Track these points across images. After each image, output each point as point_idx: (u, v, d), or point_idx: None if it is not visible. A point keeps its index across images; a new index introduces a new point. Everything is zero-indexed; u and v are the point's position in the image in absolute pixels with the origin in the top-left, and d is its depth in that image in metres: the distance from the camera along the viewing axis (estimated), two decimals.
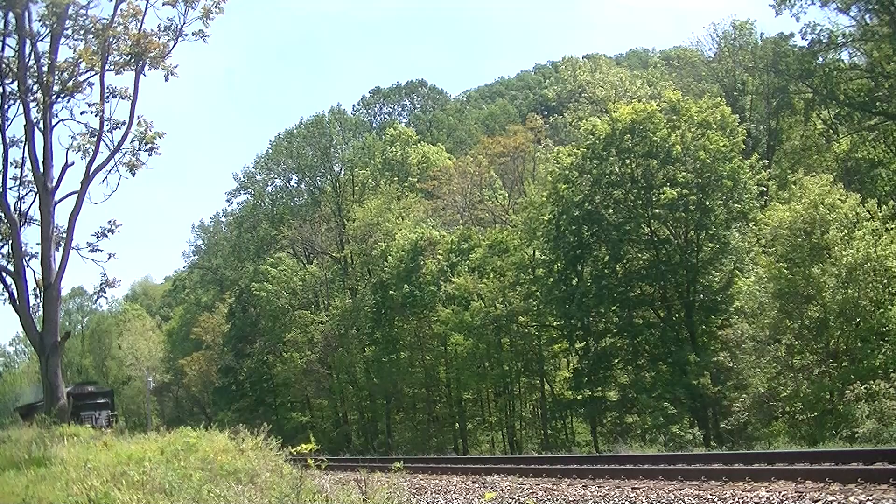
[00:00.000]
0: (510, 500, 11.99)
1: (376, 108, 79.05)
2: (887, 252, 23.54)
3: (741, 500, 9.30)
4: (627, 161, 30.71)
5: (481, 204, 46.70)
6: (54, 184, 26.44)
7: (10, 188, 27.24)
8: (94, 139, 26.62)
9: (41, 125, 26.48)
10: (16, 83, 26.75)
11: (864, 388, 21.64)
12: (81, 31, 26.22)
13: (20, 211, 27.58)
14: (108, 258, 27.86)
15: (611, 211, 30.72)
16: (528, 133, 49.15)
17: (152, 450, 13.74)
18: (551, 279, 32.87)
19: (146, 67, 26.55)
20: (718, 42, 44.46)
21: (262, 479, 10.99)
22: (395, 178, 53.76)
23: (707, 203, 29.61)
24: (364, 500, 9.94)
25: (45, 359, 25.86)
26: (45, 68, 26.42)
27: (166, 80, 26.73)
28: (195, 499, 9.60)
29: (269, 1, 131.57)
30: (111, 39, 25.94)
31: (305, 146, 59.45)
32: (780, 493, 9.13)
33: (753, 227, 29.11)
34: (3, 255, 27.76)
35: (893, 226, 24.81)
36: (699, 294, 30.42)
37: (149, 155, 27.38)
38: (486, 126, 73.09)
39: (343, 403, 48.46)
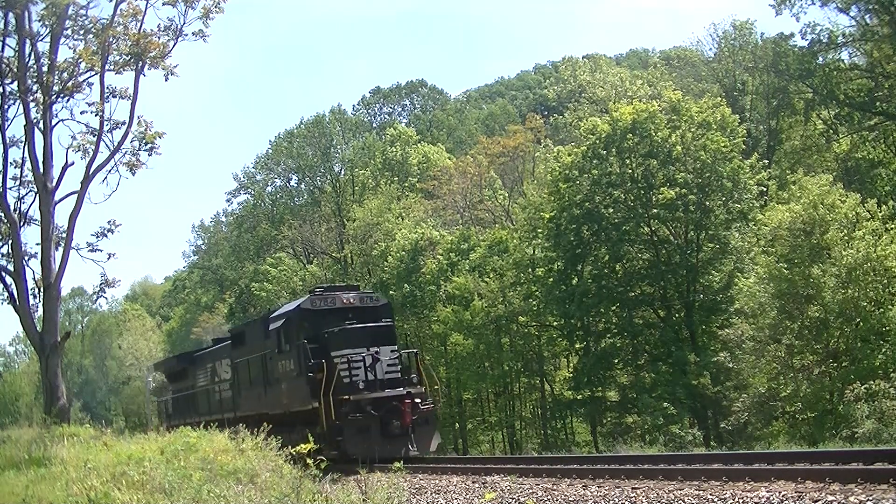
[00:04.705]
0: (510, 500, 11.97)
1: (376, 108, 79.02)
2: (887, 252, 23.55)
3: (741, 500, 9.29)
4: (628, 161, 30.73)
5: (481, 204, 46.71)
6: (54, 184, 26.44)
7: (10, 188, 27.26)
8: (94, 139, 26.63)
9: (41, 125, 26.49)
10: (16, 83, 26.75)
11: (864, 388, 21.67)
12: (81, 31, 26.22)
13: (20, 211, 27.58)
14: (108, 258, 27.86)
15: (611, 211, 30.75)
16: (528, 133, 49.16)
17: (152, 450, 13.74)
18: (551, 279, 32.88)
19: (146, 67, 26.54)
20: (718, 42, 44.52)
21: (262, 479, 11.01)
22: (395, 178, 53.75)
23: (707, 203, 29.65)
24: (364, 500, 9.95)
25: (45, 359, 25.86)
26: (45, 68, 26.42)
27: (166, 79, 26.75)
28: (195, 499, 9.61)
29: (269, 1, 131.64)
30: (111, 39, 25.93)
31: (305, 146, 59.50)
32: (780, 493, 9.11)
33: (753, 228, 29.13)
34: (3, 255, 27.76)
35: (893, 226, 24.82)
36: (699, 294, 30.44)
37: (149, 155, 27.40)
38: (486, 126, 73.05)
39: None
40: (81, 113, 27.07)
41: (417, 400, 18.37)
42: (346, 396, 17.90)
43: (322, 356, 18.57)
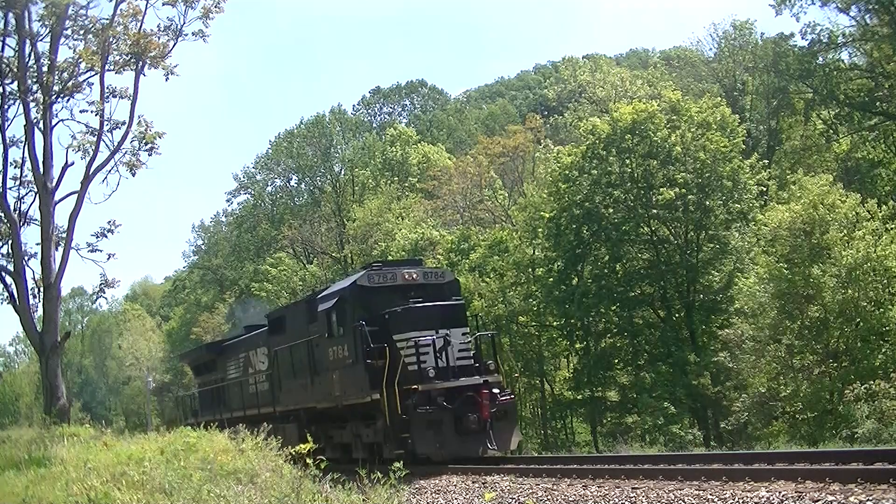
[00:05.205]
0: (510, 500, 11.97)
1: (376, 108, 79.01)
2: (887, 252, 23.55)
3: (741, 500, 9.29)
4: (627, 161, 30.74)
5: (481, 204, 46.69)
6: (54, 184, 26.48)
7: (10, 188, 27.32)
8: (94, 139, 26.65)
9: (41, 125, 26.53)
10: (16, 83, 26.80)
11: (864, 388, 21.65)
12: (81, 31, 26.29)
13: (20, 211, 27.62)
14: (108, 258, 27.95)
15: (611, 211, 30.77)
16: (528, 133, 49.15)
17: (152, 450, 13.74)
18: (551, 279, 32.88)
19: (146, 67, 26.60)
20: (718, 42, 44.60)
21: (262, 479, 11.01)
22: (396, 178, 53.74)
23: (707, 203, 29.66)
24: (364, 500, 9.95)
25: (45, 359, 25.90)
26: (45, 68, 26.47)
27: (166, 79, 26.82)
28: (195, 499, 9.61)
29: (269, 1, 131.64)
30: (111, 39, 25.98)
31: (305, 146, 59.51)
32: (780, 493, 9.12)
33: (753, 228, 29.14)
34: (3, 255, 27.81)
35: (893, 226, 24.83)
36: (699, 294, 30.47)
37: (149, 155, 27.45)
38: (486, 126, 73.00)
39: None
40: (81, 112, 27.16)
41: (496, 390, 16.32)
42: (414, 386, 15.72)
43: (383, 340, 16.29)
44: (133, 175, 27.30)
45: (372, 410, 16.72)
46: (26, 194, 27.63)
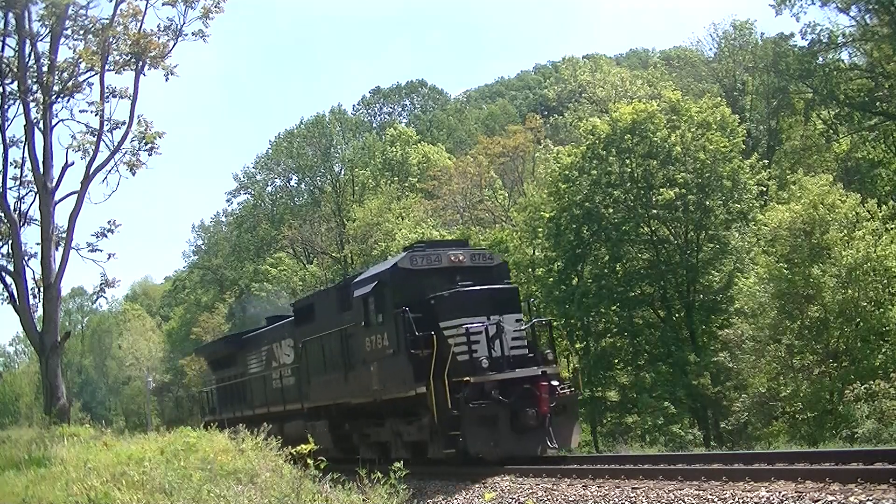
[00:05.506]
0: (510, 500, 11.98)
1: (376, 108, 79.00)
2: (887, 252, 23.56)
3: (741, 500, 9.30)
4: (627, 161, 30.74)
5: (481, 204, 46.68)
6: (54, 184, 26.48)
7: (10, 188, 27.31)
8: (94, 139, 26.65)
9: (41, 125, 26.52)
10: (16, 83, 26.79)
11: (864, 388, 21.66)
12: (81, 31, 26.28)
13: (20, 211, 27.61)
14: (108, 258, 27.91)
15: (611, 211, 30.77)
16: (528, 133, 49.15)
17: (152, 450, 13.74)
18: (551, 279, 32.87)
19: (146, 67, 26.59)
20: (718, 42, 44.60)
21: (262, 479, 11.00)
22: (396, 178, 53.76)
23: (707, 203, 29.66)
24: (364, 500, 9.95)
25: (45, 359, 25.88)
26: (45, 68, 26.47)
27: (166, 79, 26.80)
28: (195, 499, 9.61)
29: (269, 1, 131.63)
30: (111, 39, 25.97)
31: (305, 146, 59.52)
32: (780, 493, 9.13)
33: (753, 228, 29.15)
34: (3, 255, 27.81)
35: (893, 226, 24.84)
36: (699, 294, 30.46)
37: (149, 154, 27.43)
38: (486, 126, 73.00)
39: None
40: (81, 112, 27.15)
41: (555, 382, 14.96)
42: (466, 378, 14.35)
43: (429, 328, 14.87)
44: (133, 175, 27.29)
45: (415, 406, 15.45)
46: (26, 194, 27.65)
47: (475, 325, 14.67)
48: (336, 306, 18.30)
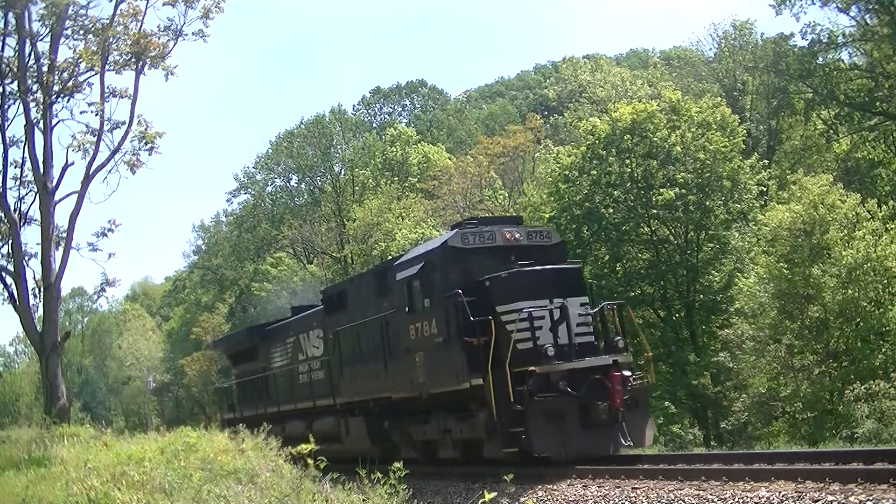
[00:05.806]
0: (510, 500, 11.97)
1: (376, 108, 78.94)
2: (887, 252, 23.57)
3: (741, 500, 9.31)
4: (627, 161, 30.75)
5: (481, 204, 46.68)
6: (54, 184, 26.44)
7: (10, 188, 27.26)
8: (94, 139, 26.63)
9: (41, 125, 26.48)
10: (16, 83, 26.76)
11: (864, 388, 21.68)
12: (81, 31, 26.23)
13: (20, 211, 27.57)
14: (108, 258, 27.84)
15: (611, 211, 30.77)
16: (528, 133, 49.16)
17: (152, 450, 13.73)
18: None
19: (146, 67, 26.56)
20: (718, 42, 44.60)
21: (262, 479, 11.00)
22: (396, 178, 53.77)
23: (707, 203, 29.66)
24: (364, 500, 9.94)
25: (45, 359, 25.85)
26: (45, 68, 26.42)
27: (166, 79, 26.72)
28: (195, 499, 9.60)
29: (269, 1, 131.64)
30: (111, 39, 25.94)
31: (305, 146, 59.52)
32: (780, 493, 9.13)
33: (753, 228, 29.15)
34: (3, 255, 27.77)
35: (893, 226, 24.84)
36: (699, 294, 30.46)
37: (149, 154, 27.35)
38: (486, 126, 73.03)
39: None
40: (81, 113, 27.06)
41: (627, 373, 13.50)
42: (530, 368, 12.87)
43: (484, 313, 13.27)
44: (133, 175, 27.21)
45: (467, 400, 13.96)
46: (26, 194, 27.58)
47: (538, 309, 13.20)
48: (373, 292, 16.80)
